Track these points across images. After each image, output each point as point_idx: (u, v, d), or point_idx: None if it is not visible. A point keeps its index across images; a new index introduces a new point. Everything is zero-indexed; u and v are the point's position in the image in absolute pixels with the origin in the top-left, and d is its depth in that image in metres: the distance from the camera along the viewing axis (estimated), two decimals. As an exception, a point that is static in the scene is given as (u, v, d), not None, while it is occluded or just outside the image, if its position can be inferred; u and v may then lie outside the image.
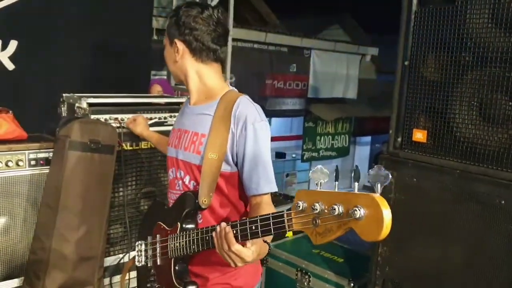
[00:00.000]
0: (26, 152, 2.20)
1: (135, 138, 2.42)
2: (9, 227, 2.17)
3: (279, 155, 9.13)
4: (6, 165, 2.14)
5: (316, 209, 1.04)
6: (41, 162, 2.24)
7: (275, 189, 1.56)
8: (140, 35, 4.11)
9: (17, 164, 2.17)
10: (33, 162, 2.22)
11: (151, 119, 2.50)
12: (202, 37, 1.59)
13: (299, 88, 8.06)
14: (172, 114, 2.63)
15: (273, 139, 1.67)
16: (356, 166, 1.03)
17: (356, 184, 1.04)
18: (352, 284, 2.79)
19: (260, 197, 1.53)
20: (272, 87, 7.65)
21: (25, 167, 2.20)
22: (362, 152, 11.79)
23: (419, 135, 2.28)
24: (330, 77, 8.35)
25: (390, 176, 0.97)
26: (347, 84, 8.72)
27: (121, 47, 3.85)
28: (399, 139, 2.39)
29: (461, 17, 2.12)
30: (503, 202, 1.99)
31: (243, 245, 1.30)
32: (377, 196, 0.96)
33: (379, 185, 0.97)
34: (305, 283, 3.04)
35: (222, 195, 1.59)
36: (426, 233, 2.24)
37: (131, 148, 2.42)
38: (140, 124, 2.36)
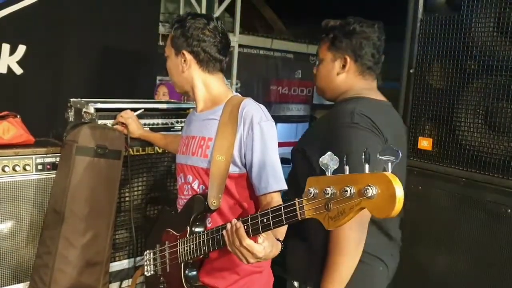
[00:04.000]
0: (33, 156, 2.22)
1: (142, 143, 2.43)
2: (15, 231, 2.18)
3: (284, 160, 9.09)
4: (13, 169, 2.15)
5: (328, 193, 1.05)
6: (48, 166, 2.25)
7: (284, 187, 1.57)
8: (146, 40, 4.15)
9: (24, 169, 2.18)
10: (40, 167, 2.23)
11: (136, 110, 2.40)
12: (209, 48, 1.63)
13: (304, 94, 8.06)
14: (179, 120, 2.65)
15: (277, 144, 1.68)
16: (366, 148, 1.04)
17: (367, 165, 1.04)
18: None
19: (270, 196, 1.54)
20: (277, 93, 7.66)
21: (32, 172, 2.21)
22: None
23: (425, 143, 2.29)
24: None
25: (400, 154, 0.99)
26: (352, 90, 8.72)
27: (128, 52, 3.89)
28: (405, 147, 2.39)
29: (466, 26, 2.12)
30: (509, 210, 1.99)
31: (255, 241, 1.30)
32: (388, 173, 0.97)
33: (389, 164, 0.98)
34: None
35: (231, 197, 1.60)
36: (431, 241, 2.24)
37: (137, 153, 2.43)
38: (132, 122, 2.26)
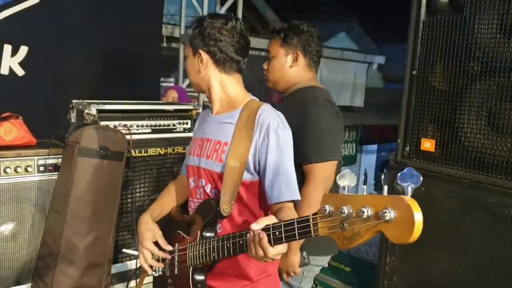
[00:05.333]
0: (35, 158, 2.22)
1: (144, 144, 2.43)
2: (17, 232, 2.18)
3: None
4: (15, 170, 2.16)
5: (344, 212, 1.02)
6: (50, 168, 2.25)
7: (297, 197, 1.54)
8: (150, 42, 4.14)
9: (26, 170, 2.19)
10: (42, 168, 2.24)
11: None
12: (226, 48, 1.60)
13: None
14: (181, 121, 2.65)
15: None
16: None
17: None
18: (359, 293, 2.79)
19: (282, 205, 1.51)
20: (279, 94, 7.66)
21: (34, 173, 2.22)
22: (368, 160, 11.73)
23: (427, 145, 2.28)
24: (337, 85, 8.34)
25: (421, 178, 0.96)
26: (354, 92, 8.72)
27: (131, 54, 3.88)
28: (407, 148, 2.39)
29: (469, 27, 2.12)
30: (512, 212, 1.98)
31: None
32: (408, 198, 0.94)
33: (409, 188, 0.96)
34: (312, 292, 3.02)
35: (242, 204, 1.58)
36: (434, 242, 2.23)
37: (140, 154, 2.43)
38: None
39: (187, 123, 2.69)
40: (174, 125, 2.65)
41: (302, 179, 1.91)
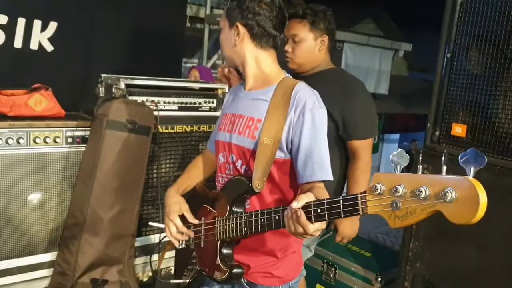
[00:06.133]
0: (64, 129, 2.24)
1: (171, 121, 2.44)
2: (45, 202, 2.22)
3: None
4: (44, 141, 2.18)
5: (398, 192, 1.02)
6: (78, 140, 2.28)
7: (330, 177, 1.51)
8: (174, 22, 4.13)
9: (55, 141, 2.21)
10: (70, 140, 2.26)
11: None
12: (264, 22, 1.56)
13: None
14: (208, 100, 2.64)
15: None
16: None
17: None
18: (379, 279, 2.76)
19: (313, 184, 1.49)
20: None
21: (62, 144, 2.24)
22: (390, 150, 11.61)
23: (458, 130, 2.23)
24: (362, 71, 8.24)
25: (486, 160, 0.95)
26: (378, 79, 8.61)
27: (156, 33, 3.88)
28: (437, 133, 2.33)
29: (508, 8, 2.05)
30: (544, 201, 1.93)
31: None
32: (471, 178, 0.93)
33: (472, 168, 0.95)
34: (331, 275, 3.01)
35: (272, 182, 1.56)
36: (460, 229, 2.18)
37: (166, 131, 2.44)
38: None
39: (213, 102, 2.68)
40: (200, 103, 2.64)
41: (341, 156, 2.29)
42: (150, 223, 1.92)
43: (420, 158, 1.17)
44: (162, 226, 1.75)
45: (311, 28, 2.24)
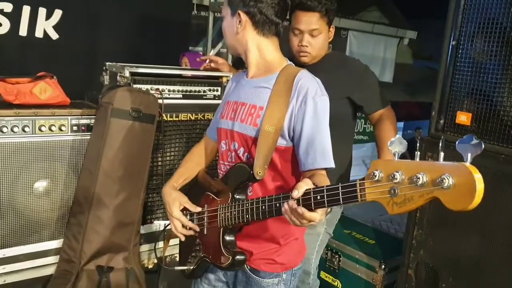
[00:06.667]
0: (69, 117, 2.25)
1: (175, 109, 2.44)
2: (50, 190, 2.23)
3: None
4: (50, 129, 2.19)
5: (396, 178, 1.02)
6: (83, 128, 2.28)
7: (332, 165, 1.51)
8: (180, 9, 4.12)
9: (60, 129, 2.22)
10: (75, 128, 2.26)
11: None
12: (266, 9, 1.56)
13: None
14: (212, 88, 2.64)
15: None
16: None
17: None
18: (383, 266, 2.78)
19: (314, 171, 1.50)
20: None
21: (68, 132, 2.25)
22: (394, 138, 11.58)
23: (463, 118, 2.22)
24: (367, 59, 8.18)
25: (483, 146, 0.94)
26: (383, 67, 8.56)
27: (162, 20, 3.88)
28: (442, 121, 2.33)
29: (516, -4, 2.03)
30: (549, 189, 1.93)
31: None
32: (468, 165, 0.93)
33: (469, 155, 0.94)
34: (335, 263, 3.04)
35: (274, 170, 1.57)
36: (465, 217, 2.19)
37: (171, 119, 2.45)
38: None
39: (217, 90, 2.68)
40: (204, 91, 2.64)
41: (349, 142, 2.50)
42: (156, 222, 1.93)
43: (417, 145, 1.18)
44: (167, 222, 1.78)
45: (328, 21, 2.30)
